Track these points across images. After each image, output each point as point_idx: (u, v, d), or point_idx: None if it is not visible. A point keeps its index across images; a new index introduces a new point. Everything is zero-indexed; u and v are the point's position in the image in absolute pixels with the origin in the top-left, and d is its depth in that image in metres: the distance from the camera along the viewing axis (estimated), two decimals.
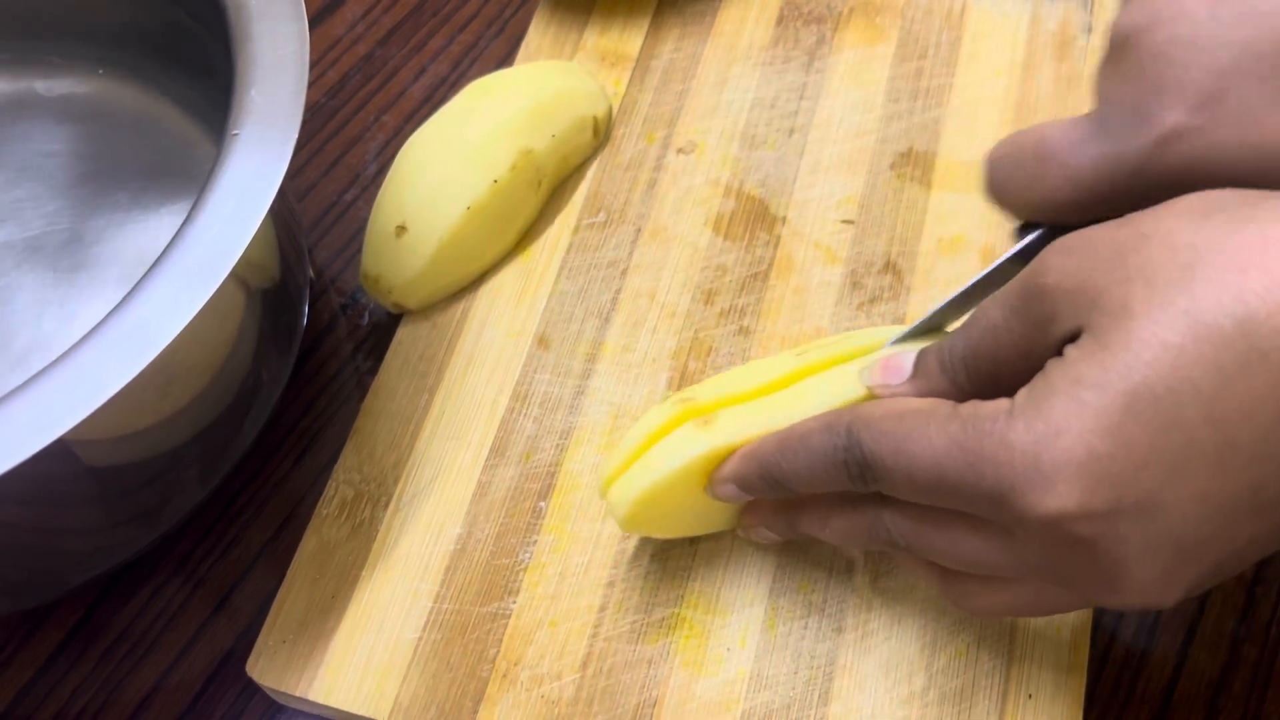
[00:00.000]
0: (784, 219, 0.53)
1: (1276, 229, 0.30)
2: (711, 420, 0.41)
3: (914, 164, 0.54)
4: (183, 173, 0.55)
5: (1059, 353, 0.32)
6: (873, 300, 0.51)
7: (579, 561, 0.46)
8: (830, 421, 0.37)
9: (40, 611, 0.49)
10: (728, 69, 0.58)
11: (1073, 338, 0.32)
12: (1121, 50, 0.36)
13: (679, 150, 0.56)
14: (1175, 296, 0.30)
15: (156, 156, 0.55)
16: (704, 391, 0.42)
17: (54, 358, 0.36)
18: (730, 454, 0.41)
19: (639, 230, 0.54)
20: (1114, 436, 0.30)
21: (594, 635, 0.44)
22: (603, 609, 0.45)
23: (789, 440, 0.39)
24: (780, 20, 0.59)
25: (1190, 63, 0.34)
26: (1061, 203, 0.37)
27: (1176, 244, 0.31)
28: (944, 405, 0.34)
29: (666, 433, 0.42)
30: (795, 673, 0.43)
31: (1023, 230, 0.40)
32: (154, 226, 0.53)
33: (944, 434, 0.33)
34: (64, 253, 0.53)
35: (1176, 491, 0.30)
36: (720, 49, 0.59)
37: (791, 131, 0.56)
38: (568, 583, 0.46)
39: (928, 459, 0.33)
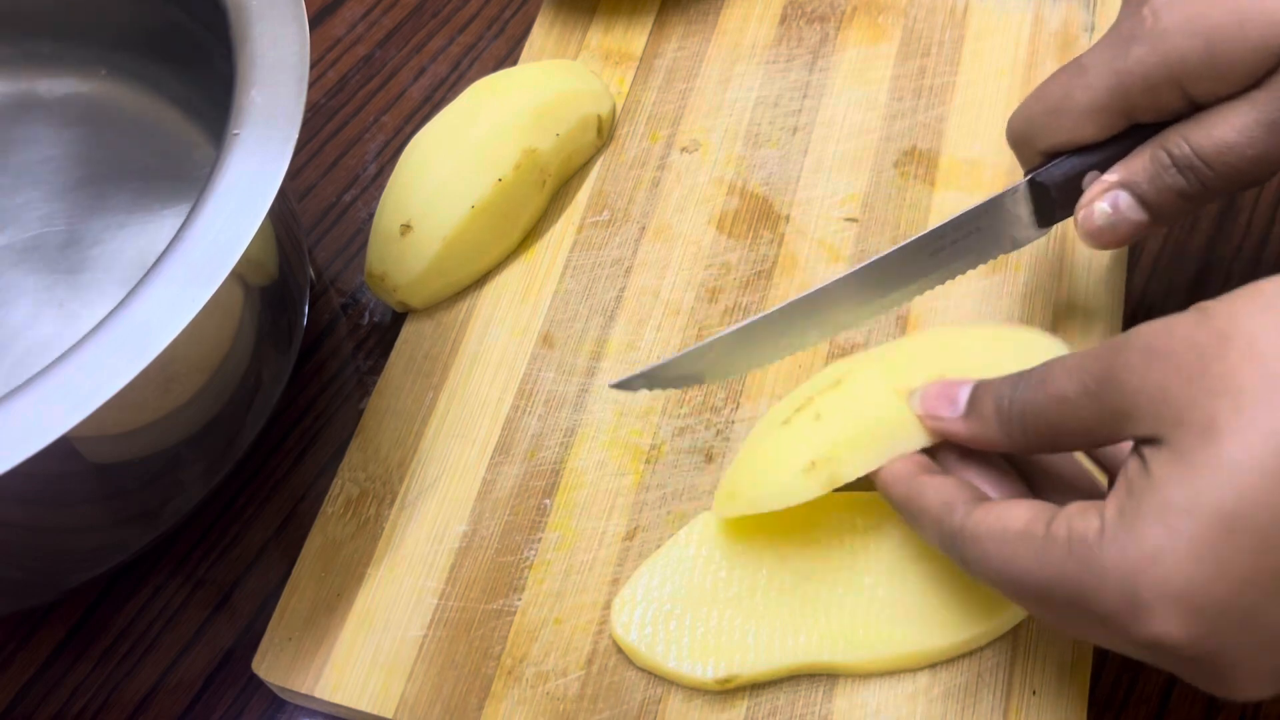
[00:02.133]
0: (787, 217, 0.53)
1: None
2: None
3: (917, 162, 0.54)
4: (183, 174, 0.55)
5: (1134, 446, 0.33)
6: None
7: (583, 559, 0.46)
8: (939, 515, 0.37)
9: (40, 611, 0.48)
10: (731, 68, 0.58)
11: (1149, 441, 0.32)
12: None
13: (683, 149, 0.56)
14: (1263, 414, 0.30)
15: (156, 158, 0.55)
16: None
17: (54, 358, 0.36)
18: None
19: (643, 228, 0.54)
20: (1210, 563, 0.30)
21: (599, 632, 0.44)
22: (607, 606, 0.45)
23: (910, 501, 0.39)
24: (783, 19, 0.60)
25: None
26: (1081, 104, 0.40)
27: (1261, 352, 0.30)
28: (1040, 523, 0.34)
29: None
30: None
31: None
32: (154, 228, 0.53)
33: (1041, 560, 0.33)
34: (64, 254, 0.53)
35: (1273, 612, 0.30)
36: (724, 48, 0.59)
37: (795, 130, 0.56)
38: (572, 580, 0.46)
39: (1029, 586, 0.34)
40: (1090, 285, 0.50)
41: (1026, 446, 0.37)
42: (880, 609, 0.43)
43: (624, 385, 0.43)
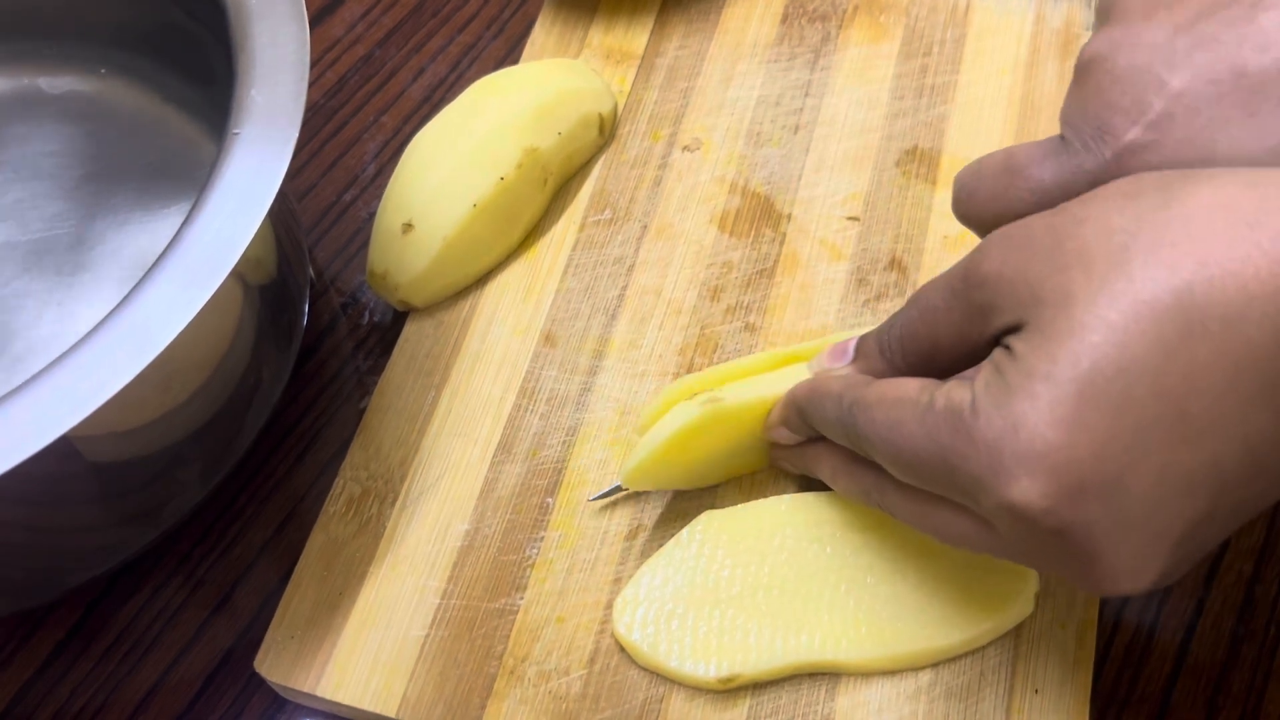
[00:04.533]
0: (789, 216, 0.53)
1: (1198, 203, 0.31)
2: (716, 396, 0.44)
3: (919, 161, 0.54)
4: (183, 173, 0.54)
5: (998, 342, 0.34)
6: (878, 297, 0.51)
7: (586, 558, 0.46)
8: (841, 391, 0.39)
9: (40, 611, 0.48)
10: (733, 66, 0.58)
11: (1013, 329, 0.33)
12: (1084, 76, 0.38)
13: (684, 148, 0.56)
14: (1113, 278, 0.30)
15: (157, 156, 0.55)
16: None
17: (54, 358, 0.36)
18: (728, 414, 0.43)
19: (645, 227, 0.54)
20: (1068, 425, 0.30)
21: (601, 631, 0.44)
22: (610, 605, 0.45)
23: (813, 394, 0.41)
24: (785, 18, 0.60)
25: (1148, 85, 0.36)
26: (1023, 213, 0.39)
27: (1110, 227, 0.31)
28: (926, 393, 0.35)
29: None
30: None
31: None
32: (154, 226, 0.53)
33: (922, 426, 0.34)
34: (64, 253, 0.52)
35: (1136, 472, 0.30)
36: (725, 46, 0.59)
37: (796, 129, 0.56)
38: (575, 579, 0.45)
39: (909, 450, 0.35)
40: None
41: (909, 369, 0.38)
42: (883, 607, 0.43)
43: (607, 495, 0.46)
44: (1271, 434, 0.30)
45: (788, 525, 0.44)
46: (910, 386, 0.36)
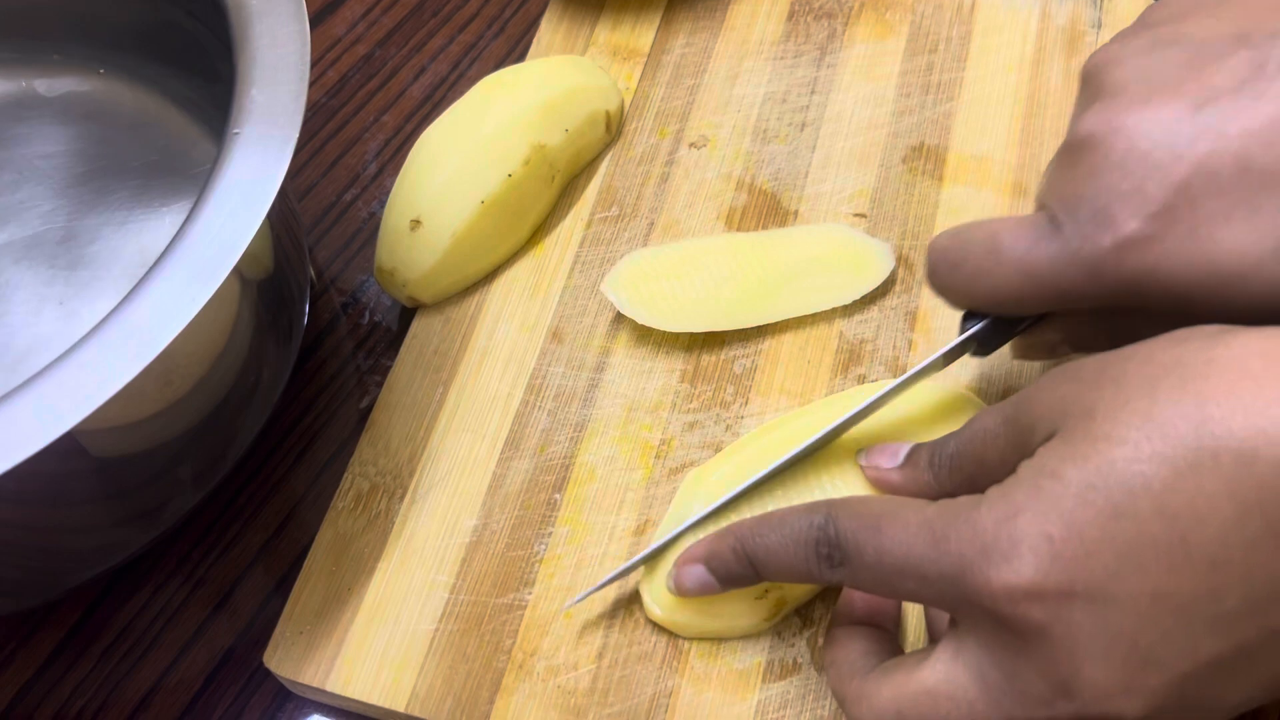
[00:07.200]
0: (796, 213, 0.53)
1: (1242, 349, 0.31)
2: None
3: (925, 158, 0.54)
4: (183, 172, 0.54)
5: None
6: (884, 294, 0.51)
7: (594, 553, 0.46)
8: (812, 505, 0.38)
9: (40, 611, 0.48)
10: (739, 64, 0.58)
11: (1044, 443, 0.34)
12: (1079, 152, 0.37)
13: (691, 144, 0.56)
14: (1136, 400, 0.31)
15: (156, 156, 0.55)
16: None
17: (54, 357, 0.36)
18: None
19: (651, 224, 0.54)
20: (1066, 521, 0.31)
21: (609, 626, 0.44)
22: (617, 600, 0.45)
23: (768, 518, 0.39)
24: (791, 15, 0.60)
25: (1149, 174, 0.35)
26: (1011, 295, 0.39)
27: (1152, 359, 0.32)
28: (922, 500, 0.35)
29: None
30: (810, 662, 0.43)
31: (967, 320, 0.42)
32: (154, 226, 0.53)
33: (918, 517, 0.34)
34: (64, 252, 0.52)
35: (1129, 583, 0.30)
36: (732, 44, 0.59)
37: (803, 126, 0.56)
38: (583, 574, 0.45)
39: (898, 539, 0.34)
40: None
41: (953, 486, 0.39)
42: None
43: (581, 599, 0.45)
44: (1277, 581, 0.30)
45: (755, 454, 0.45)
46: (899, 498, 0.37)
